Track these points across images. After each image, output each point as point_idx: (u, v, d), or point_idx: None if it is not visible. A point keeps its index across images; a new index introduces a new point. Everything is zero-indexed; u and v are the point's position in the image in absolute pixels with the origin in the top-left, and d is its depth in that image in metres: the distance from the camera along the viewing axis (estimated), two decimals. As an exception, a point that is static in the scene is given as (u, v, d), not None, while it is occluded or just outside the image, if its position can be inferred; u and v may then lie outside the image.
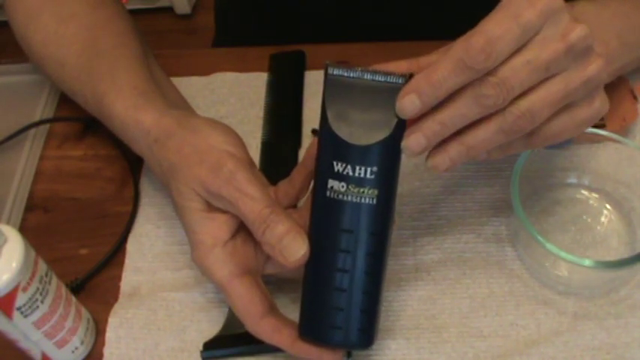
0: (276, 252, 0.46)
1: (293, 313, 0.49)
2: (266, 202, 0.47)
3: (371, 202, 0.45)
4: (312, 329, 0.48)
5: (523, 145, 0.46)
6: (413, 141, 0.43)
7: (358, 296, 0.46)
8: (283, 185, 0.51)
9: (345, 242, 0.45)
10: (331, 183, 0.45)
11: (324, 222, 0.46)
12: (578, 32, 0.42)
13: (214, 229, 0.49)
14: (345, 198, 0.45)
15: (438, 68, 0.42)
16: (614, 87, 0.61)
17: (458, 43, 0.41)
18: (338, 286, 0.46)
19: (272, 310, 0.49)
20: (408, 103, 0.43)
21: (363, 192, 0.45)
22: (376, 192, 0.45)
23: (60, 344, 0.50)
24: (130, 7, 0.71)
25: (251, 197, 0.47)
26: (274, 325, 0.48)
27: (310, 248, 0.46)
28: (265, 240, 0.47)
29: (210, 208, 0.49)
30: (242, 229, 0.50)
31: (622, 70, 0.59)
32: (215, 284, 0.49)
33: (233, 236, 0.49)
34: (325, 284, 0.46)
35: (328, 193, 0.45)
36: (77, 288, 0.56)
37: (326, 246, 0.46)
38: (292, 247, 0.46)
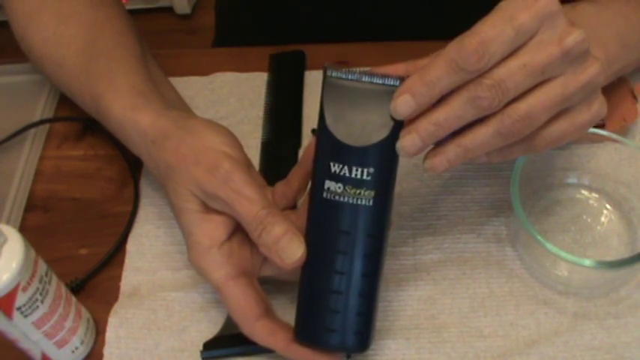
0: (273, 254, 0.46)
1: (291, 314, 0.49)
2: (263, 204, 0.47)
3: (368, 203, 0.45)
4: (307, 332, 0.47)
5: (524, 149, 0.46)
6: (408, 141, 0.43)
7: (355, 299, 0.46)
8: (280, 186, 0.51)
9: (342, 244, 0.45)
10: (328, 184, 0.45)
11: (320, 223, 0.46)
12: (574, 37, 0.42)
13: (211, 230, 0.49)
14: (342, 199, 0.45)
15: (431, 69, 0.42)
16: (614, 87, 0.61)
17: (452, 44, 0.41)
18: (335, 289, 0.46)
19: (267, 312, 0.49)
20: (402, 103, 0.43)
21: (360, 193, 0.45)
22: (373, 193, 0.45)
23: (60, 344, 0.50)
24: (129, 7, 0.71)
25: (247, 198, 0.47)
26: (269, 328, 0.48)
27: (307, 250, 0.46)
28: (262, 242, 0.47)
29: (207, 209, 0.49)
30: (238, 231, 0.49)
31: (622, 72, 0.59)
32: (211, 285, 0.49)
33: (229, 237, 0.49)
34: (322, 286, 0.46)
35: (325, 194, 0.45)
36: (77, 288, 0.56)
37: (323, 248, 0.46)
38: (289, 249, 0.46)
